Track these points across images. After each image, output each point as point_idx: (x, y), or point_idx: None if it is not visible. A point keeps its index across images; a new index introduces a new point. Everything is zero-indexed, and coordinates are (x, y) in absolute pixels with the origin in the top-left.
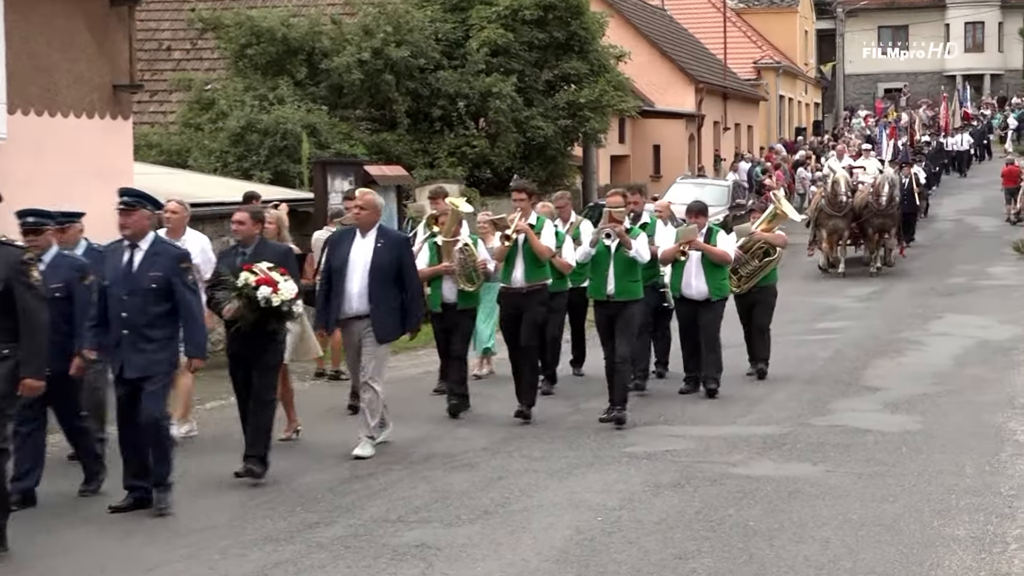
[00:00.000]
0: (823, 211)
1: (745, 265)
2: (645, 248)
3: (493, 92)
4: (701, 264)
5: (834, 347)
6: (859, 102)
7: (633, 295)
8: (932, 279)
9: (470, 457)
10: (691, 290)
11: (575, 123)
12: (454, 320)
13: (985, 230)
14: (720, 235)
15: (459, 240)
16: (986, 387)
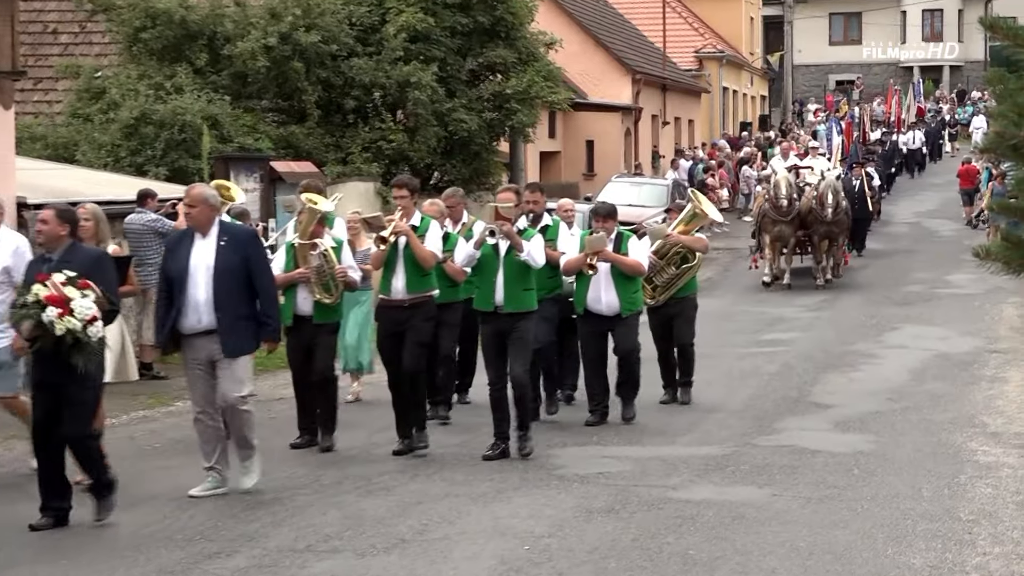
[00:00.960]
0: (767, 215)
1: (660, 273)
2: (540, 251)
3: (412, 82)
4: (611, 275)
5: (781, 361)
6: (809, 95)
7: (525, 306)
8: (887, 287)
9: (385, 480)
10: (600, 305)
11: (501, 116)
12: (311, 336)
13: (944, 234)
14: (632, 242)
15: (318, 243)
16: (945, 404)
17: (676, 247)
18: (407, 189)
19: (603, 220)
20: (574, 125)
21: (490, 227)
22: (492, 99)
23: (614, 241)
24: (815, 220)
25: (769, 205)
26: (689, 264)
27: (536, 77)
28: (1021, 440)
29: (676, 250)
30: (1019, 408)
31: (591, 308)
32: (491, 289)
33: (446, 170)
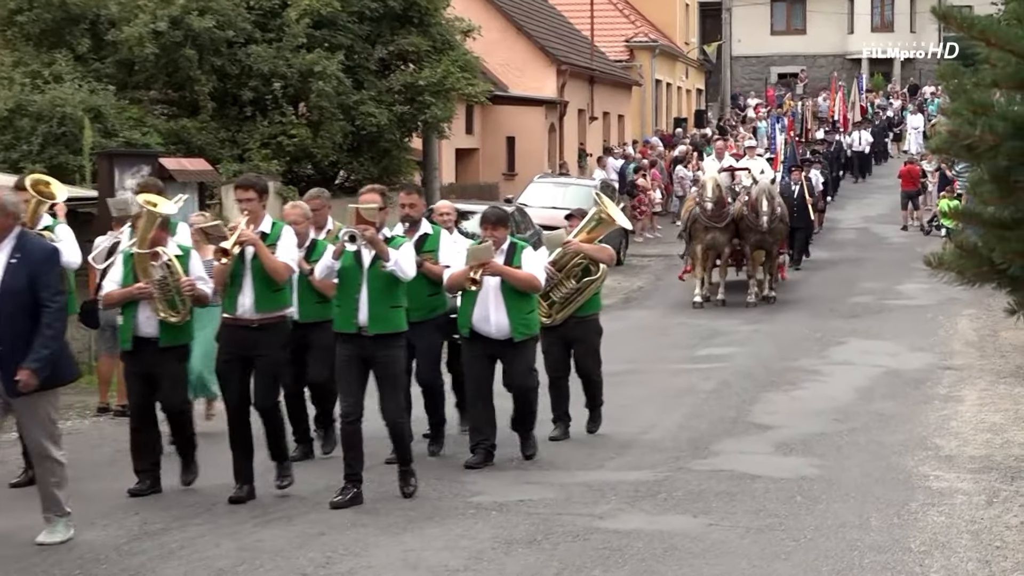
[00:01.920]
0: (697, 221)
1: (558, 288)
2: (410, 261)
3: (315, 72)
4: (501, 292)
5: (718, 378)
6: (749, 89)
7: (393, 326)
8: (832, 298)
9: (285, 509)
10: (488, 326)
11: (414, 110)
12: (155, 362)
13: (894, 241)
14: (526, 253)
15: (160, 252)
16: (895, 425)
17: (577, 258)
18: (253, 190)
19: (492, 227)
20: (493, 120)
21: (349, 232)
22: (404, 91)
23: (506, 252)
24: (748, 228)
25: (700, 209)
26: (592, 277)
27: (452, 67)
28: (976, 464)
29: (577, 261)
30: (974, 429)
31: (477, 329)
32: (353, 307)
33: (353, 168)
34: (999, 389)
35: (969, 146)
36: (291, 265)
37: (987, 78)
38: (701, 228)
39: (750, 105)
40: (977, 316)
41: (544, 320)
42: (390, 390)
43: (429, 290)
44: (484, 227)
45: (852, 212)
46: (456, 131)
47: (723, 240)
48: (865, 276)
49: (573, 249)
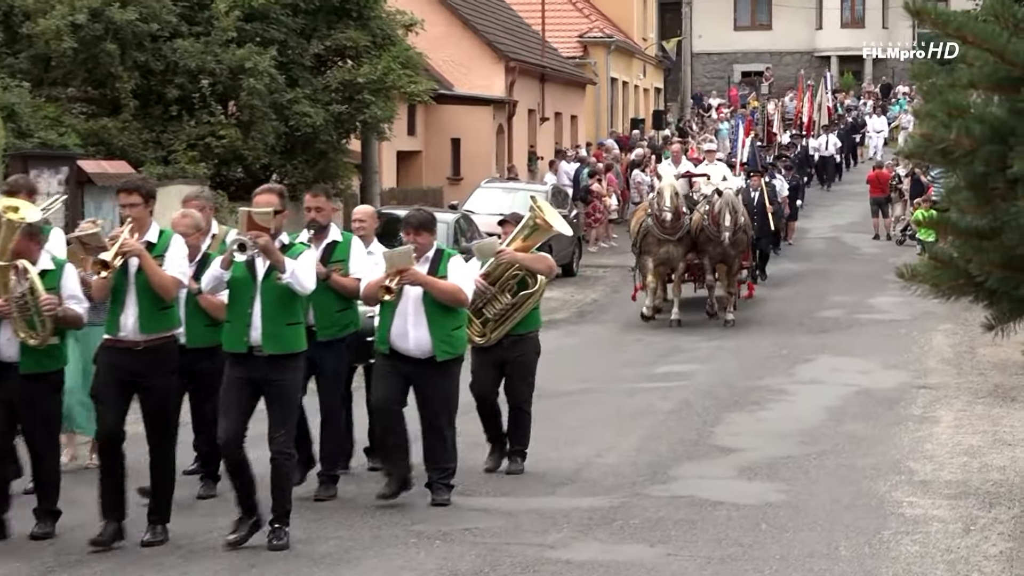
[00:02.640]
0: (649, 233)
1: (492, 303)
2: (309, 272)
3: (246, 68)
4: (423, 304)
5: (678, 397)
6: (710, 88)
7: (290, 346)
8: (800, 312)
9: (212, 539)
10: (407, 342)
11: (352, 109)
12: (17, 391)
13: (865, 251)
14: (453, 262)
15: (20, 266)
16: (866, 448)
17: (512, 269)
18: (138, 194)
19: (414, 232)
20: (438, 120)
21: (239, 239)
22: (341, 89)
23: (431, 259)
24: (707, 241)
25: (653, 220)
26: (529, 291)
27: (393, 64)
28: (953, 489)
29: (512, 273)
30: (951, 452)
31: (395, 346)
32: (245, 323)
33: (287, 172)
34: (977, 409)
35: (944, 150)
36: (181, 279)
37: (963, 78)
38: (653, 241)
39: (712, 105)
40: (953, 331)
41: (477, 340)
42: (281, 417)
43: (338, 305)
44: (406, 231)
45: (821, 221)
46: (397, 132)
47: (677, 254)
48: (835, 289)
49: (507, 259)
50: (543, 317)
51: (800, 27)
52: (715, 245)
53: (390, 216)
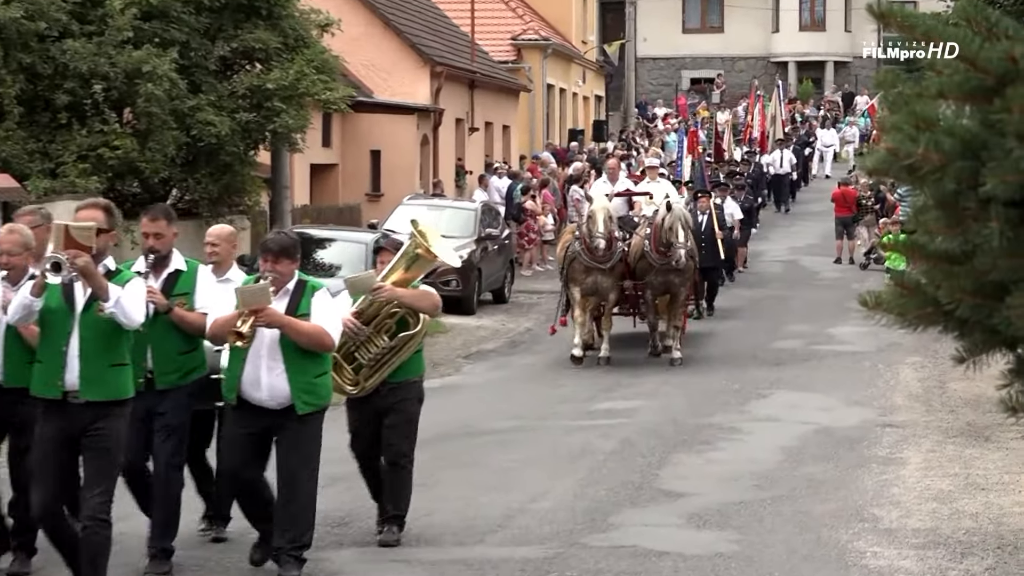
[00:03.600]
0: (577, 260)
1: (367, 346)
2: (137, 303)
3: (144, 72)
4: (280, 348)
5: (620, 436)
6: (656, 96)
7: (113, 392)
8: (754, 343)
9: None
10: (260, 392)
11: (261, 118)
12: None
13: (826, 276)
14: (318, 297)
15: None
16: (826, 492)
17: (391, 307)
18: None
19: (274, 259)
20: (355, 131)
21: (54, 257)
22: (249, 96)
23: (291, 293)
24: (648, 268)
25: (581, 245)
26: (410, 332)
27: (306, 68)
28: (921, 538)
29: (391, 311)
30: (919, 498)
31: (247, 396)
32: (59, 363)
33: (188, 187)
34: (947, 450)
35: (910, 167)
36: None
37: (932, 87)
38: (580, 269)
39: (658, 115)
40: (922, 365)
41: (348, 389)
42: (97, 475)
43: (181, 346)
44: (264, 258)
45: (777, 242)
46: (311, 143)
47: (608, 284)
48: (792, 317)
49: (385, 296)
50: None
51: (754, 30)
52: (658, 273)
53: (303, 238)
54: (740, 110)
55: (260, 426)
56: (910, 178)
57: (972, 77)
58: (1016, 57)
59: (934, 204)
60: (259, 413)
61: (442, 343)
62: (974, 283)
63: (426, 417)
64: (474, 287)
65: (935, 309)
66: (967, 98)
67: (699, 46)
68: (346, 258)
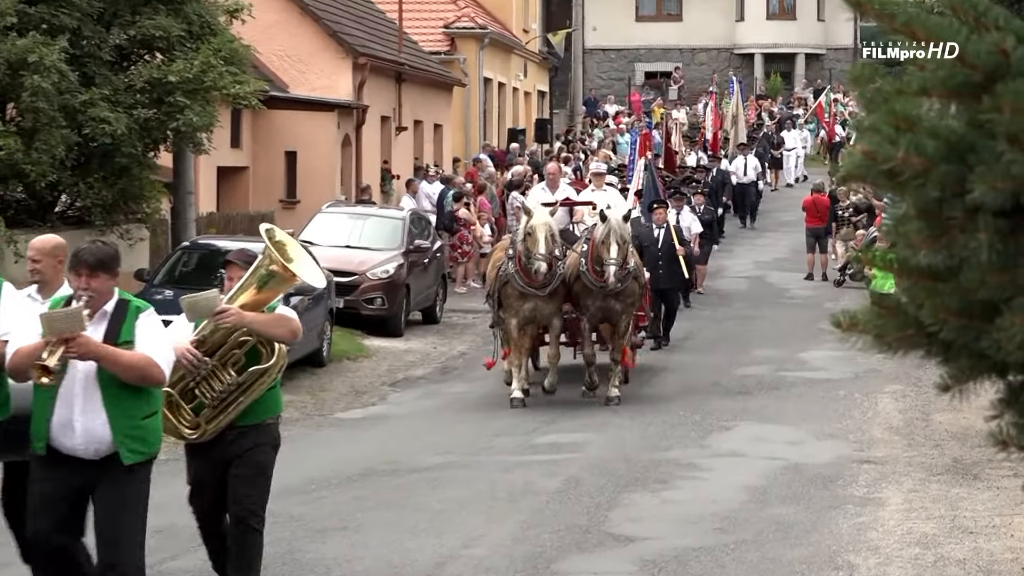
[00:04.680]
0: (511, 284)
1: (209, 381)
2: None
3: (29, 62)
4: (97, 383)
5: (565, 474)
6: (607, 92)
7: None
8: (716, 369)
9: None
10: (72, 439)
11: (162, 114)
12: None
13: (796, 294)
14: (144, 321)
15: None
16: (797, 537)
17: (239, 334)
18: None
19: (89, 274)
20: (269, 129)
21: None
22: (148, 90)
23: (110, 316)
24: (584, 291)
25: (515, 267)
26: (262, 365)
27: (213, 59)
28: None
29: (239, 339)
30: (900, 542)
31: (57, 445)
32: None
33: (79, 192)
34: (931, 489)
35: (890, 171)
36: None
37: (914, 83)
38: (515, 295)
39: (609, 113)
40: (903, 394)
41: (188, 433)
42: None
43: None
44: (76, 272)
45: (742, 257)
46: (218, 143)
47: (549, 311)
48: (759, 340)
49: (231, 321)
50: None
51: (717, 19)
52: (595, 297)
53: (209, 250)
54: (701, 107)
55: (75, 481)
56: (889, 184)
57: (958, 72)
58: (1007, 50)
59: (915, 213)
60: (73, 465)
61: (365, 368)
62: (960, 302)
63: (348, 452)
64: (401, 306)
65: (917, 331)
66: (953, 95)
67: (655, 36)
68: None
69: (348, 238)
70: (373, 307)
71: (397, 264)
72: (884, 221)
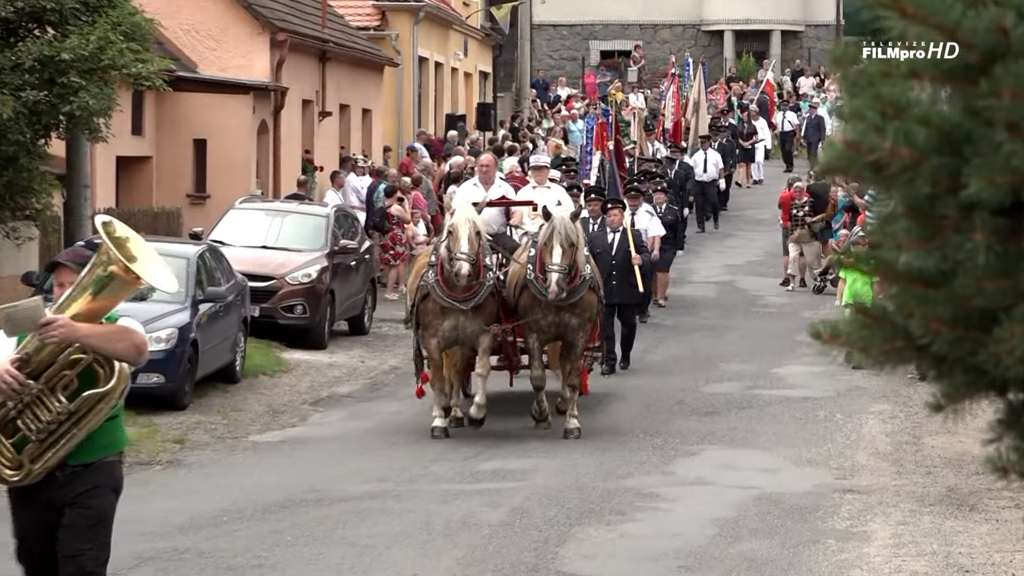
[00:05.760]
0: (431, 297)
1: (33, 410)
2: None
3: None
4: None
5: (510, 504)
6: (558, 72)
7: None
8: (680, 386)
9: None
10: None
11: (53, 97)
12: None
13: (771, 302)
14: None
15: None
16: (772, 575)
17: (71, 351)
18: None
19: None
20: (175, 115)
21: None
22: (38, 69)
23: None
24: (532, 304)
25: (436, 275)
26: (100, 390)
27: (112, 34)
28: None
29: (71, 357)
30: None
31: None
32: None
33: None
34: (923, 522)
35: (875, 164)
36: None
37: (902, 66)
38: (436, 309)
39: (560, 97)
40: (891, 414)
41: (9, 475)
42: None
43: None
44: None
45: (709, 259)
46: (118, 130)
47: (474, 329)
48: (728, 353)
49: (60, 335)
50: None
51: None
52: (546, 310)
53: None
54: (664, 90)
55: None
56: (875, 179)
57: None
58: (1007, 27)
59: (904, 211)
60: None
61: (284, 385)
62: (954, 310)
63: (264, 479)
64: (325, 314)
65: (906, 343)
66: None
67: (612, 10)
68: None
69: (265, 238)
70: (293, 316)
71: (320, 267)
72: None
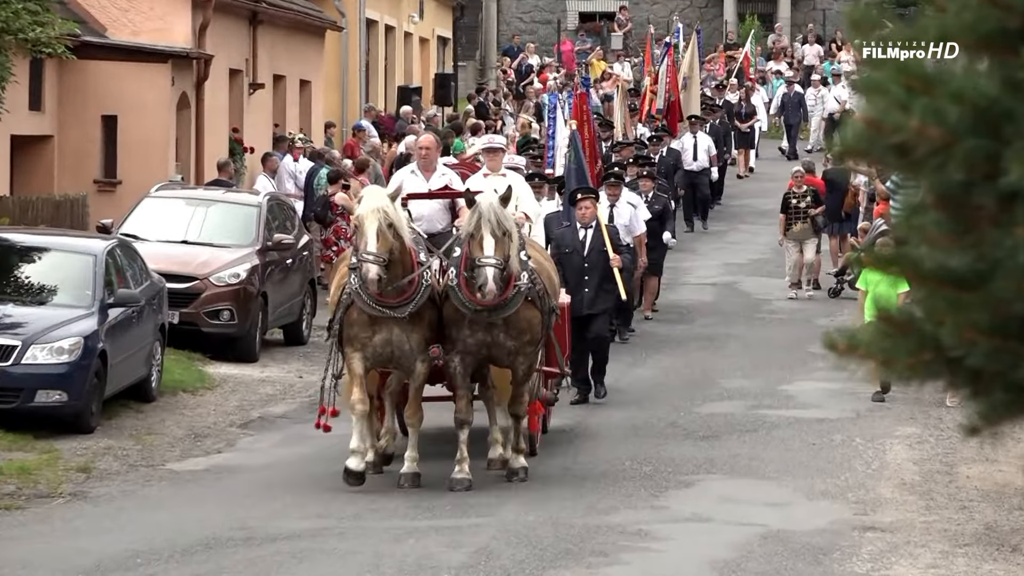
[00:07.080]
0: (358, 302)
1: None
2: None
3: None
4: None
5: (474, 544)
6: (530, 39)
7: None
8: (674, 405)
9: None
10: None
11: None
12: None
13: (777, 306)
14: None
15: None
16: None
17: None
18: None
19: None
20: (81, 87)
21: None
22: None
23: None
24: (456, 317)
25: (358, 280)
26: None
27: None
28: None
29: None
30: None
31: None
32: None
33: None
34: (957, 566)
35: (900, 147)
36: None
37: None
38: (362, 320)
39: (533, 67)
40: (920, 439)
41: None
42: None
43: None
44: None
45: (707, 257)
46: (14, 105)
47: (412, 345)
48: (729, 367)
49: None
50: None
51: None
52: (474, 327)
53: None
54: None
55: None
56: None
57: (989, 15)
58: None
59: (934, 201)
60: None
61: (208, 404)
62: (992, 317)
63: (185, 514)
64: (256, 321)
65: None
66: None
67: None
68: (65, 277)
69: (185, 231)
70: (218, 323)
71: (250, 266)
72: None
